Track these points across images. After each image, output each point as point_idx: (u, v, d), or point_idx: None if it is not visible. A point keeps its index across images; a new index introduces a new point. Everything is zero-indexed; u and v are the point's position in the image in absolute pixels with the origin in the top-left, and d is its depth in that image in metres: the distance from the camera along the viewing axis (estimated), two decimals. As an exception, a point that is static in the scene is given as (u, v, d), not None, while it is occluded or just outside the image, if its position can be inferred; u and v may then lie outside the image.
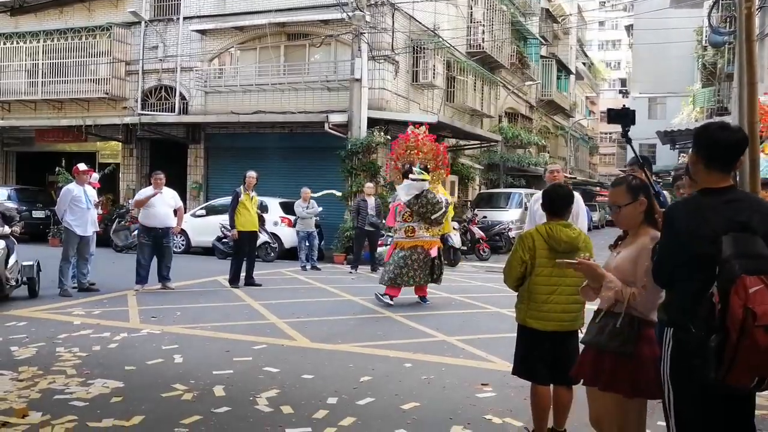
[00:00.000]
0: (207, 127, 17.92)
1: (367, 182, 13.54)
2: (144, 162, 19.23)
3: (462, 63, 19.68)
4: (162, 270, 9.34)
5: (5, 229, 7.99)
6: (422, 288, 8.53)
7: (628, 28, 47.12)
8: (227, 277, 9.96)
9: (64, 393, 4.38)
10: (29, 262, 8.33)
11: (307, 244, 12.78)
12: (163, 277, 9.36)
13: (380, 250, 12.51)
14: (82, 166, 9.23)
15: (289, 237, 14.16)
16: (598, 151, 54.36)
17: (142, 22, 18.24)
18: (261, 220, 11.00)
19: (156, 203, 9.24)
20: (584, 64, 45.14)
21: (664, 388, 2.38)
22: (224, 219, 11.66)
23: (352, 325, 7.17)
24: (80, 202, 8.90)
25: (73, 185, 9.12)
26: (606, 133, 59.46)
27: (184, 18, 17.85)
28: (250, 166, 11.64)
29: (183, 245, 14.93)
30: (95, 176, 10.02)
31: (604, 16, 51.40)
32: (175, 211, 9.53)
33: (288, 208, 14.15)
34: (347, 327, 7.01)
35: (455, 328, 6.88)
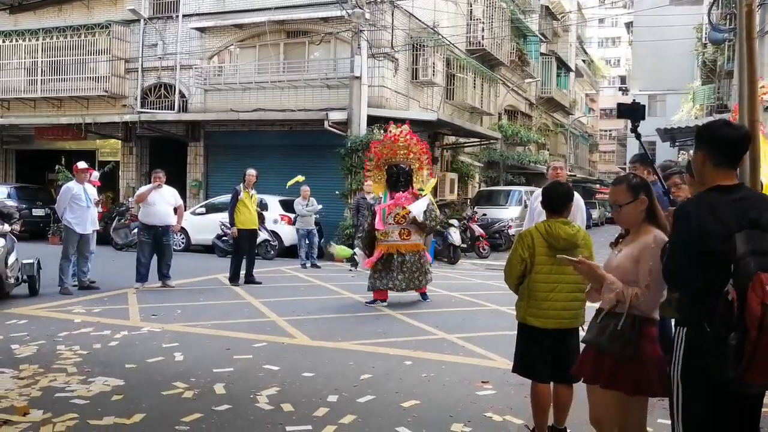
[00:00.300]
0: (207, 125, 17.91)
1: (366, 180, 13.50)
2: (143, 160, 19.23)
3: (462, 60, 19.66)
4: (162, 268, 9.34)
5: (5, 227, 7.99)
6: (423, 288, 8.46)
7: (628, 26, 47.06)
8: (227, 275, 9.97)
9: (64, 391, 4.39)
10: (29, 260, 8.34)
11: (307, 242, 12.79)
12: (164, 275, 9.36)
13: None
14: (82, 165, 9.23)
15: (288, 235, 14.17)
16: (597, 148, 54.38)
17: (142, 20, 18.23)
18: (261, 218, 11.00)
19: (156, 201, 9.24)
20: (584, 61, 45.09)
21: (673, 388, 2.35)
22: (224, 217, 11.67)
23: (352, 322, 7.17)
24: (80, 200, 8.90)
25: (72, 183, 9.12)
26: (606, 131, 59.46)
27: (184, 16, 17.82)
28: (250, 163, 11.64)
29: (183, 243, 14.94)
30: (96, 174, 10.02)
31: (604, 14, 51.30)
32: (175, 209, 9.53)
33: (288, 206, 14.15)
34: (347, 325, 7.02)
35: (455, 326, 6.88)
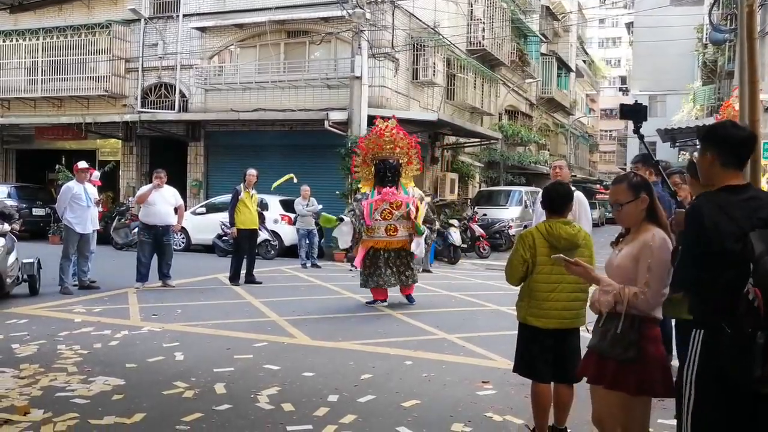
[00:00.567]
0: (207, 125, 17.91)
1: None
2: (144, 160, 19.23)
3: (462, 60, 19.66)
4: (162, 268, 9.34)
5: (5, 227, 7.99)
6: (409, 287, 8.24)
7: (629, 26, 47.07)
8: (227, 274, 9.97)
9: (65, 390, 4.39)
10: (30, 260, 8.34)
11: (307, 241, 12.79)
12: (164, 274, 9.36)
13: None
14: (82, 164, 9.23)
15: (289, 235, 14.17)
16: (598, 148, 54.36)
17: (142, 20, 18.22)
18: (261, 218, 11.00)
19: (156, 201, 9.23)
20: (584, 61, 45.05)
21: (684, 391, 2.30)
22: (224, 217, 11.66)
23: (352, 322, 7.17)
24: (80, 199, 8.90)
25: (73, 183, 9.12)
26: (606, 131, 59.46)
27: (184, 15, 17.81)
28: (250, 163, 11.63)
29: (183, 243, 14.94)
30: (96, 174, 10.03)
31: (605, 14, 51.31)
32: (175, 209, 9.53)
33: (288, 205, 14.15)
34: (348, 324, 7.02)
35: (455, 326, 6.88)
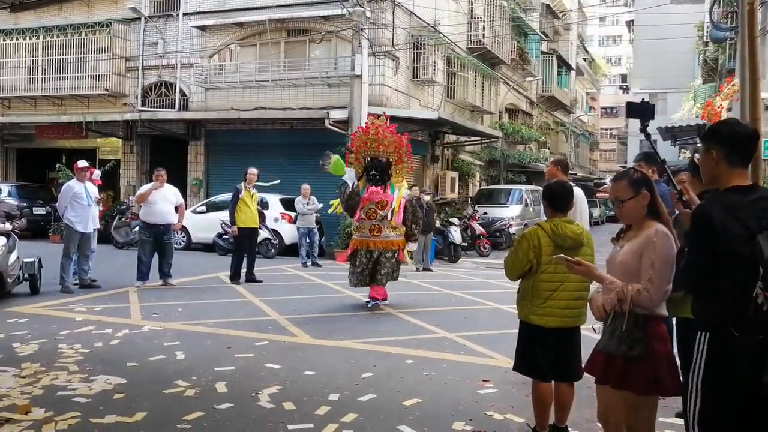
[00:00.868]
0: (207, 124, 17.91)
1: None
2: (144, 159, 19.24)
3: (462, 59, 19.65)
4: (163, 266, 9.34)
5: (6, 226, 8.00)
6: (379, 288, 7.81)
7: (629, 24, 46.97)
8: (228, 273, 9.98)
9: (66, 389, 4.39)
10: (30, 259, 8.34)
11: (308, 240, 12.79)
12: (164, 273, 9.36)
13: None
14: (82, 163, 9.22)
15: (289, 233, 14.16)
16: (598, 147, 54.36)
17: (142, 18, 18.23)
18: (261, 217, 10.99)
19: (157, 200, 9.23)
20: (585, 59, 45.05)
21: (690, 394, 2.27)
22: (225, 215, 11.66)
23: (353, 321, 7.17)
24: (81, 198, 8.90)
25: (73, 182, 9.12)
26: (606, 129, 59.44)
27: (184, 14, 17.83)
28: (251, 162, 11.61)
29: (184, 242, 14.94)
30: (97, 173, 10.02)
31: (605, 12, 51.23)
32: (176, 208, 9.54)
33: (288, 204, 14.15)
34: (348, 323, 7.02)
35: (456, 325, 6.88)
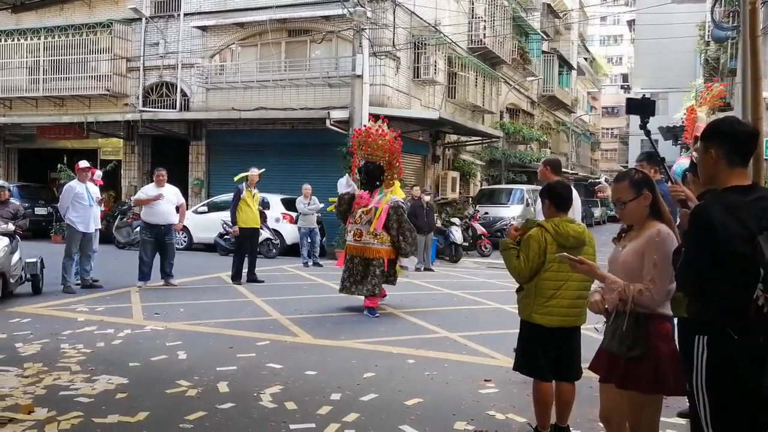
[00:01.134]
0: (208, 124, 17.92)
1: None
2: (145, 159, 19.25)
3: (463, 59, 19.64)
4: (164, 267, 9.35)
5: (9, 227, 8.01)
6: (372, 298, 7.43)
7: (630, 23, 46.93)
8: (229, 273, 9.99)
9: (69, 389, 4.40)
10: (33, 259, 8.36)
11: (309, 240, 12.80)
12: (166, 273, 9.37)
13: None
14: (83, 164, 9.23)
15: (290, 233, 14.17)
16: (599, 146, 54.32)
17: (143, 19, 18.23)
18: (263, 217, 11.00)
19: (158, 200, 9.23)
20: (586, 59, 44.99)
21: (698, 397, 2.24)
22: (226, 216, 11.67)
23: (354, 321, 7.17)
24: (82, 199, 8.91)
25: (75, 182, 9.13)
26: (607, 129, 59.40)
27: (185, 14, 17.83)
28: (252, 162, 11.63)
29: (185, 242, 14.96)
30: (99, 174, 10.03)
31: (606, 11, 51.20)
32: (177, 208, 9.55)
33: (290, 204, 14.15)
34: (350, 323, 7.02)
35: (458, 325, 6.89)
